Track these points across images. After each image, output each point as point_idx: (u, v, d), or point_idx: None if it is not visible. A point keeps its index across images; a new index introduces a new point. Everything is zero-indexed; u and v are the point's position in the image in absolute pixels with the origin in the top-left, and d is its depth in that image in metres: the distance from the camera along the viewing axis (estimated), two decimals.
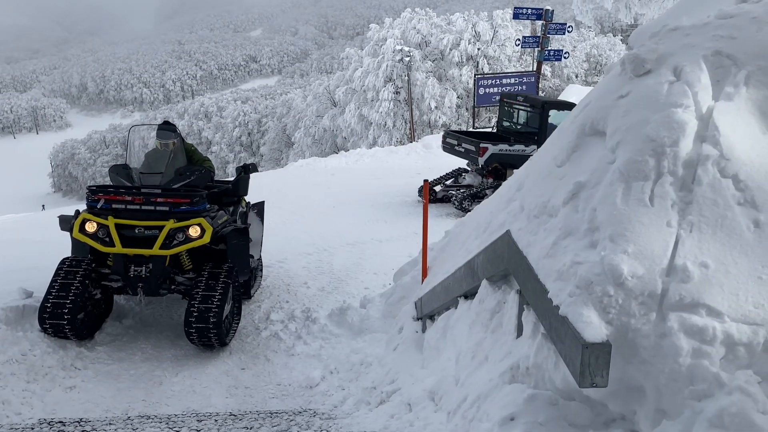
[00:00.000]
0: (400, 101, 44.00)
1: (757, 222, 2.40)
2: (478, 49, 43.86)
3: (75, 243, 6.90)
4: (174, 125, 7.98)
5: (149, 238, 6.50)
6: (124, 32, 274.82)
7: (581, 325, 2.30)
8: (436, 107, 43.02)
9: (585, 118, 3.03)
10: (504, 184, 4.81)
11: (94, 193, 6.69)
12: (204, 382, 5.95)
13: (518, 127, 14.49)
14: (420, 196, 14.36)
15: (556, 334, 2.51)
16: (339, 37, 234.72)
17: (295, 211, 13.21)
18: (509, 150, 13.19)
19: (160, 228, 6.48)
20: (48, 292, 6.34)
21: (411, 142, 40.73)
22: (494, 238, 3.48)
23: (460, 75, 43.61)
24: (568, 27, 22.42)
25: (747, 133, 2.56)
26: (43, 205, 75.68)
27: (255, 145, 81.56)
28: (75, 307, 6.30)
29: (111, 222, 6.44)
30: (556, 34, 21.91)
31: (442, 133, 37.17)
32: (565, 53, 23.47)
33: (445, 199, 14.09)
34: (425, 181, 7.04)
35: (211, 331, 6.30)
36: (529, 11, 21.55)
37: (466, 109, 45.30)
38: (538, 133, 13.43)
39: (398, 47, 42.44)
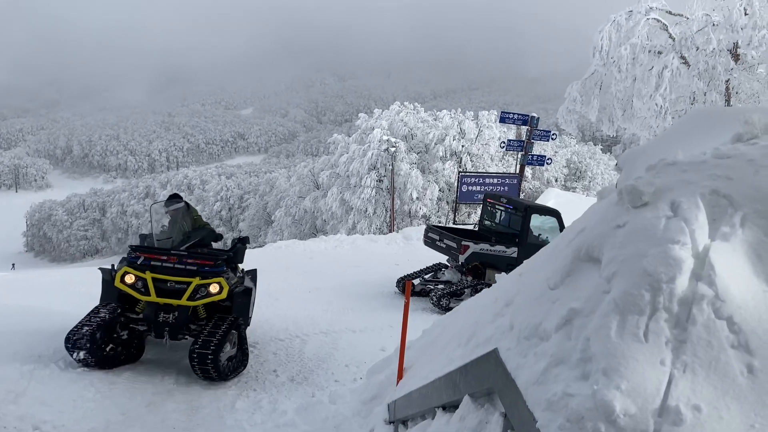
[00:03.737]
0: (382, 189, 44.43)
1: (750, 367, 2.38)
2: (463, 146, 44.77)
3: (105, 291, 8.37)
4: (180, 196, 9.46)
5: (178, 291, 8.00)
6: (116, 99, 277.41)
7: None
8: (417, 198, 43.43)
9: (581, 243, 3.04)
10: (488, 293, 4.76)
11: (135, 251, 8.20)
12: None
13: (500, 227, 14.62)
14: (398, 288, 14.31)
15: None
16: (327, 122, 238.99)
17: (271, 294, 13.04)
18: (490, 250, 13.26)
19: (188, 283, 8.00)
20: (79, 323, 7.72)
21: (390, 230, 40.97)
22: (480, 353, 3.42)
23: (444, 169, 44.31)
24: (552, 134, 23.00)
25: (742, 275, 2.57)
26: (13, 264, 74.47)
27: (234, 221, 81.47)
28: (98, 338, 7.56)
29: (149, 276, 7.93)
30: (540, 140, 22.45)
31: (422, 225, 37.57)
32: (548, 159, 23.98)
33: (422, 293, 14.03)
34: (407, 280, 7.01)
35: (209, 366, 7.58)
36: (515, 116, 22.13)
37: (447, 202, 45.84)
38: (519, 235, 13.55)
39: (385, 137, 43.14)
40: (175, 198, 9.25)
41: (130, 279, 7.93)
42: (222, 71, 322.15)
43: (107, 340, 7.73)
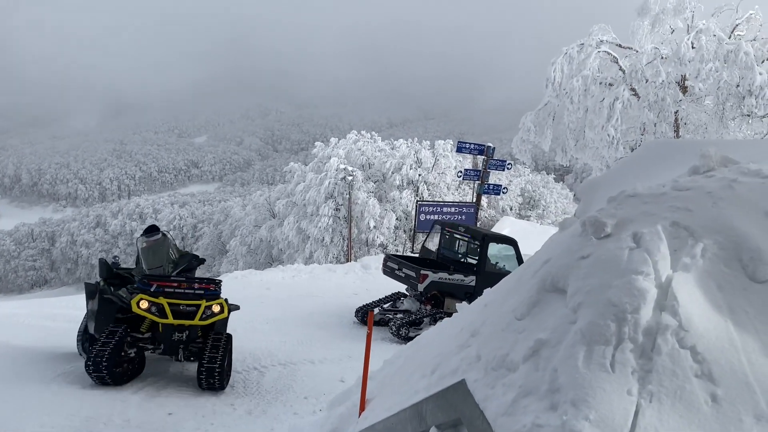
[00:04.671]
0: (339, 218, 44.39)
1: (714, 396, 2.42)
2: (419, 174, 45.09)
3: (94, 316, 9.38)
4: (158, 227, 10.31)
5: (189, 313, 9.01)
6: (67, 127, 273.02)
7: None
8: (374, 227, 43.48)
9: (546, 274, 3.08)
10: (451, 323, 4.77)
11: (149, 279, 9.02)
12: None
13: (458, 256, 14.70)
14: (356, 318, 14.24)
15: None
16: (283, 151, 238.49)
17: (227, 325, 12.86)
18: (449, 279, 13.29)
19: (197, 306, 9.02)
20: (99, 348, 8.47)
21: (348, 259, 40.84)
22: (446, 384, 3.41)
23: (401, 198, 44.48)
24: (508, 164, 23.34)
25: (704, 305, 2.63)
26: None
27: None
28: (113, 361, 8.46)
29: (164, 301, 8.85)
30: (496, 169, 22.76)
31: (380, 254, 37.50)
32: (504, 188, 24.30)
33: (381, 323, 13.97)
34: (370, 310, 6.99)
35: (216, 378, 8.79)
36: (472, 146, 22.42)
37: (404, 231, 45.99)
38: (477, 264, 13.64)
39: (342, 166, 43.22)
40: (154, 230, 10.19)
41: (144, 305, 8.83)
42: (176, 99, 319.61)
43: (120, 360, 8.69)
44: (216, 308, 9.29)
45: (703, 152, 3.30)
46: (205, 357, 8.81)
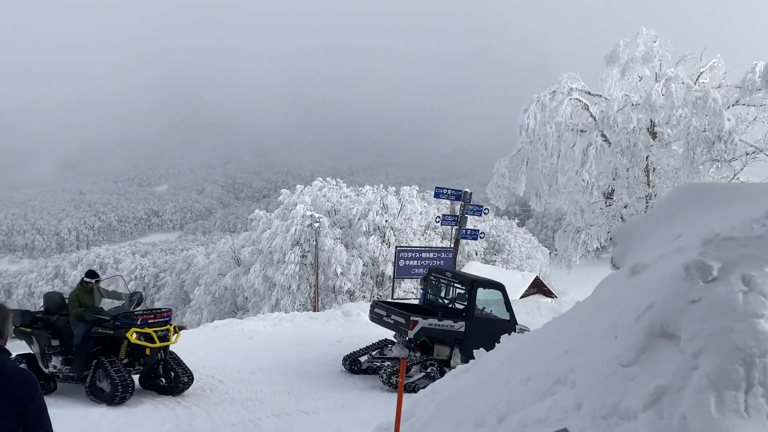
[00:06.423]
0: (306, 265, 44.05)
1: None
2: (386, 220, 45.06)
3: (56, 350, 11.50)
4: (96, 272, 12.19)
5: (166, 336, 11.31)
6: (24, 178, 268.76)
7: None
8: (342, 273, 43.21)
9: (652, 319, 3.02)
10: (504, 369, 4.62)
11: (138, 316, 11.14)
12: None
13: (445, 302, 14.57)
14: (344, 367, 13.98)
15: None
16: (245, 198, 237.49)
17: (214, 376, 12.52)
18: (438, 325, 13.11)
19: (167, 330, 11.34)
20: (116, 380, 10.51)
21: (315, 306, 40.39)
22: None
23: (368, 244, 44.32)
24: (485, 209, 23.51)
25: None
26: None
27: (149, 300, 78.80)
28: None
29: (151, 330, 10.98)
30: (473, 214, 22.90)
31: (347, 300, 37.10)
32: (481, 234, 24.43)
33: (370, 371, 13.73)
34: (403, 359, 6.81)
35: (189, 384, 11.45)
36: (449, 192, 22.58)
37: (371, 277, 45.79)
38: (466, 309, 13.53)
39: (308, 213, 43.02)
40: (95, 274, 11.96)
41: (134, 336, 10.83)
42: (135, 148, 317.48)
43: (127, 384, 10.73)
44: (173, 330, 11.56)
45: None
46: (180, 370, 11.44)
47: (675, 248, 3.87)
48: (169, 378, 11.57)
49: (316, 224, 41.56)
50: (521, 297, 43.02)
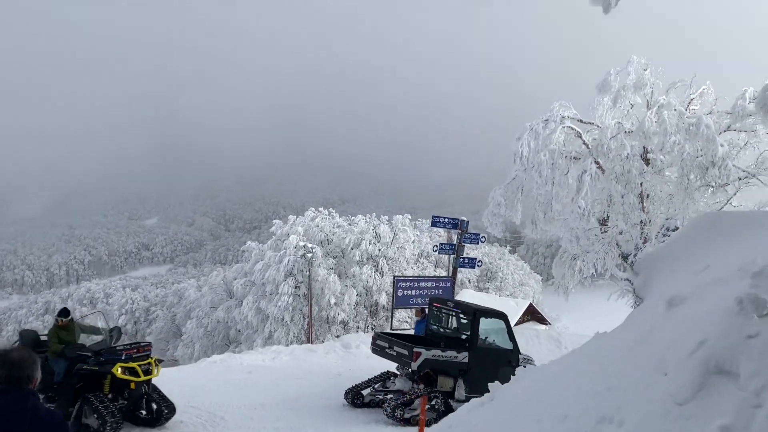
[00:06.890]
0: (299, 296, 43.78)
1: None
2: (379, 249, 44.93)
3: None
4: (69, 310, 12.36)
5: (150, 370, 11.44)
6: (13, 213, 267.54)
7: None
8: (335, 303, 42.95)
9: (707, 356, 2.95)
10: (519, 408, 4.50)
11: (122, 351, 11.20)
12: None
13: (447, 332, 14.38)
14: (346, 400, 13.76)
15: None
16: (236, 230, 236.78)
17: (214, 412, 12.29)
18: (441, 356, 12.92)
19: (149, 363, 11.45)
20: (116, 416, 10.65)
21: (309, 338, 40.06)
22: None
23: (361, 273, 44.11)
24: (482, 237, 23.46)
25: None
26: None
27: (140, 334, 78.04)
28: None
29: (136, 365, 11.13)
30: (470, 242, 22.84)
31: (343, 332, 36.80)
32: (479, 262, 24.36)
33: (373, 404, 13.50)
34: (424, 395, 6.57)
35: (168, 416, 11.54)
36: (446, 220, 22.56)
37: (365, 307, 45.54)
38: (469, 339, 13.38)
39: (301, 243, 42.83)
40: (67, 311, 12.02)
41: (120, 371, 10.95)
42: (125, 182, 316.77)
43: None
44: (153, 364, 11.65)
45: None
46: (161, 399, 11.66)
47: (711, 280, 3.82)
48: (150, 410, 11.72)
49: (309, 254, 41.36)
50: (516, 324, 42.91)
